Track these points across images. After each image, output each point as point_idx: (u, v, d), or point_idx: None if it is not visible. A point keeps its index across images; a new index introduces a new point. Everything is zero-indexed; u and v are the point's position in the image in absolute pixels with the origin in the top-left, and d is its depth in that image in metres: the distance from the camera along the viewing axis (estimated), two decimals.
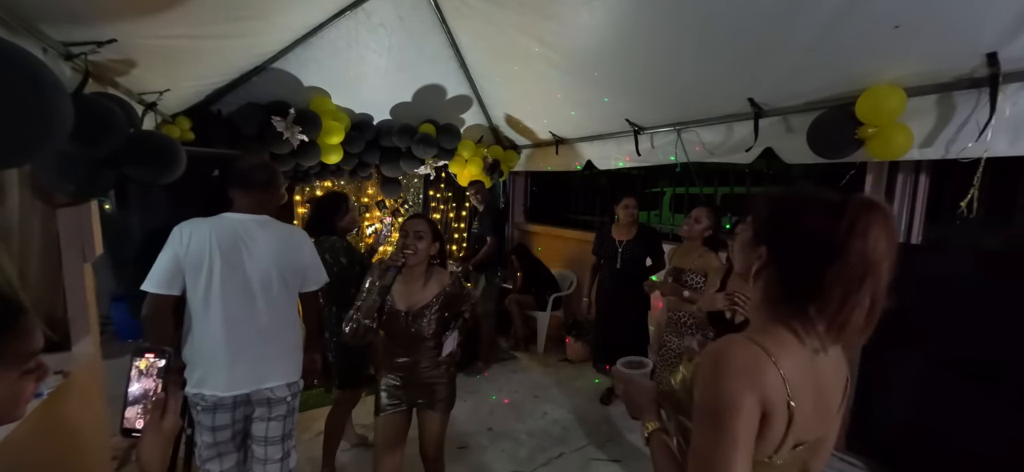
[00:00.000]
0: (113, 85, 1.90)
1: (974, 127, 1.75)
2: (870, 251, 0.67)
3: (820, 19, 1.75)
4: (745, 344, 0.73)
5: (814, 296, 0.71)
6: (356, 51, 2.93)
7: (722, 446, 0.68)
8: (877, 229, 0.68)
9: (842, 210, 0.69)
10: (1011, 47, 1.58)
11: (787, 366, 0.71)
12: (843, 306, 0.69)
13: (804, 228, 0.72)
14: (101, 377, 2.39)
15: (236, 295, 1.55)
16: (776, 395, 0.70)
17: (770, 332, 0.75)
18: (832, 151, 2.04)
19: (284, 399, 1.65)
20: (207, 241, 1.54)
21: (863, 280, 0.68)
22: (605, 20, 2.22)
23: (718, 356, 0.73)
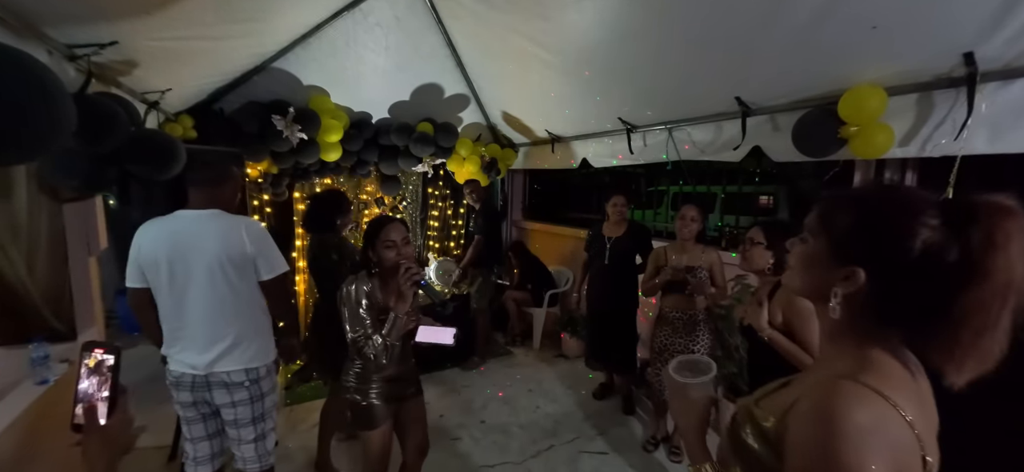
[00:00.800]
0: (116, 85, 1.97)
1: (953, 125, 1.78)
2: (1013, 267, 0.53)
3: (801, 21, 1.79)
4: (864, 395, 0.57)
5: (936, 325, 0.57)
6: (354, 50, 2.99)
7: None
8: (1019, 237, 0.54)
9: (973, 217, 0.55)
10: (987, 46, 1.61)
11: (913, 412, 0.57)
12: (980, 336, 0.55)
13: (919, 242, 0.57)
14: None
15: (183, 286, 1.66)
16: (910, 456, 0.56)
17: (878, 367, 0.60)
18: (816, 149, 2.07)
19: (242, 384, 1.71)
20: (158, 239, 1.65)
21: (1005, 303, 0.54)
22: (594, 20, 2.26)
23: (828, 410, 0.57)
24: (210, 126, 2.91)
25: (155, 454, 2.57)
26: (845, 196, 0.67)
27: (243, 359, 1.71)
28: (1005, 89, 1.68)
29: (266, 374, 1.78)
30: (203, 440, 1.79)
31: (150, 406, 3.08)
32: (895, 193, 0.65)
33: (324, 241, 2.35)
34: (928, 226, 0.57)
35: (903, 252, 0.58)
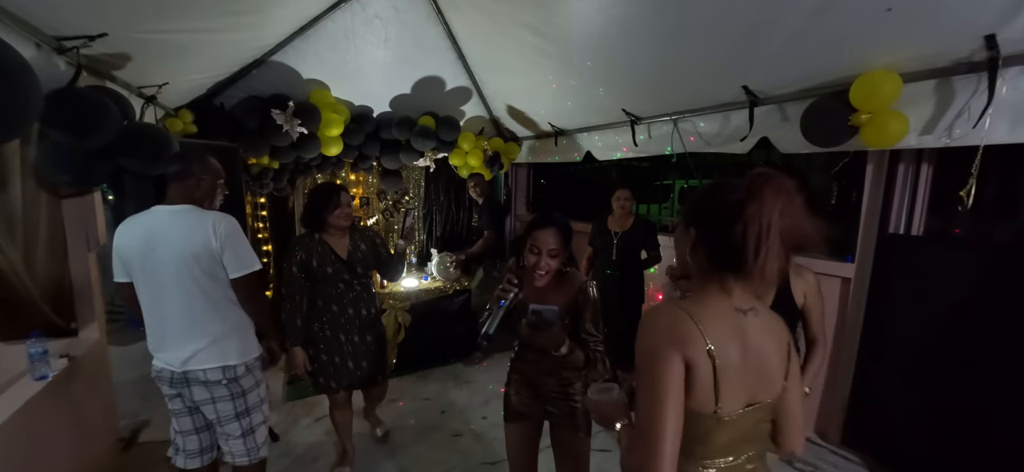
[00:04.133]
0: (110, 78, 1.95)
1: (972, 113, 1.69)
2: (767, 208, 0.79)
3: (811, 3, 1.71)
4: (668, 308, 0.88)
5: (733, 256, 0.83)
6: (353, 43, 2.95)
7: (652, 396, 0.81)
8: (770, 190, 0.80)
9: (741, 184, 0.83)
10: (1010, 28, 1.52)
11: (708, 323, 0.84)
12: (756, 256, 0.80)
13: (716, 204, 0.86)
14: (107, 362, 2.48)
15: (155, 284, 1.62)
16: (696, 350, 0.82)
17: (698, 298, 0.90)
18: (826, 139, 1.99)
19: (219, 382, 1.67)
20: (132, 235, 1.62)
21: (767, 232, 0.79)
22: (594, 8, 2.19)
23: (645, 320, 0.89)
24: (210, 121, 2.90)
25: (159, 448, 2.58)
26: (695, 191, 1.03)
27: (220, 357, 1.66)
28: None
29: (246, 372, 1.72)
30: (191, 434, 1.76)
31: (156, 400, 3.10)
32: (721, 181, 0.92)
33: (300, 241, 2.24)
34: (725, 192, 0.85)
35: (710, 211, 0.87)
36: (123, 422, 2.74)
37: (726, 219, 0.82)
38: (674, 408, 0.80)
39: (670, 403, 0.79)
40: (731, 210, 0.82)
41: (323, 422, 2.90)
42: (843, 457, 2.51)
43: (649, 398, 0.81)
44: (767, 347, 0.89)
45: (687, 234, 0.92)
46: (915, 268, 2.26)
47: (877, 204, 2.36)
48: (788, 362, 0.93)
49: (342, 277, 2.19)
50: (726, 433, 0.86)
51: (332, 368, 2.23)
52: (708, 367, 0.82)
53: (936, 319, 2.20)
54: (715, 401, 0.83)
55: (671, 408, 0.79)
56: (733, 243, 0.81)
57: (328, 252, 2.16)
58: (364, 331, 2.25)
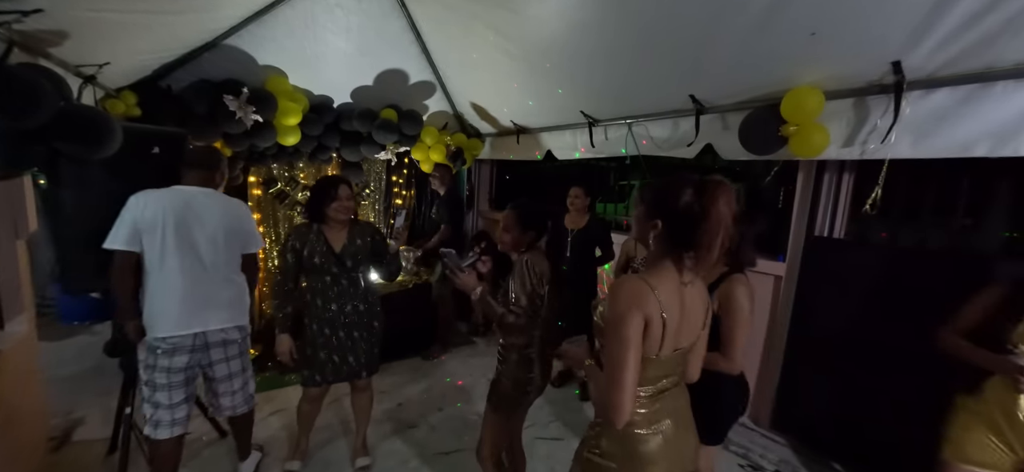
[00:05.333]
0: (45, 56, 1.84)
1: (883, 130, 1.90)
2: (721, 213, 1.04)
3: (747, 23, 1.86)
4: (633, 279, 1.12)
5: (689, 246, 1.09)
6: (313, 31, 2.89)
7: (620, 345, 1.05)
8: (724, 198, 1.05)
9: (702, 189, 1.07)
10: (913, 55, 1.72)
11: (661, 292, 1.08)
12: (709, 250, 1.06)
13: (681, 204, 1.08)
14: (37, 357, 2.33)
15: (187, 253, 1.86)
16: (653, 310, 1.07)
17: (654, 271, 1.14)
18: (760, 148, 2.17)
19: (236, 340, 2.02)
20: (161, 208, 1.82)
21: (718, 231, 1.05)
22: (554, 13, 2.28)
23: (615, 288, 1.11)
24: (156, 104, 2.76)
25: (94, 447, 2.45)
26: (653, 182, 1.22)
27: (235, 318, 2.00)
28: (928, 97, 1.80)
29: (248, 332, 2.10)
30: (182, 404, 1.92)
31: (90, 398, 2.94)
32: (675, 178, 1.12)
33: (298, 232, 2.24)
34: (686, 194, 1.08)
35: (675, 209, 1.09)
36: (54, 421, 2.59)
37: (689, 218, 1.07)
38: (635, 354, 1.05)
39: (632, 350, 1.04)
40: (694, 211, 1.06)
41: (278, 416, 2.85)
42: (772, 440, 2.74)
43: (617, 346, 1.05)
44: (696, 309, 1.19)
45: (650, 223, 1.14)
46: (837, 268, 2.50)
47: (805, 208, 2.58)
48: (705, 317, 1.25)
49: (330, 270, 2.16)
50: (657, 369, 1.16)
51: (316, 362, 2.20)
52: (659, 324, 1.08)
53: (854, 314, 2.44)
54: (659, 348, 1.11)
55: (633, 354, 1.04)
56: (692, 236, 1.07)
57: (321, 243, 2.16)
58: (350, 327, 2.22)
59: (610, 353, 1.07)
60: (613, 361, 1.06)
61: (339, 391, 2.72)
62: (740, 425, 2.81)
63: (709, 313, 1.25)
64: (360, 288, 2.26)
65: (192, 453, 2.46)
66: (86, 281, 1.99)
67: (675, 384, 1.24)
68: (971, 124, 1.71)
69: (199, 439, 2.58)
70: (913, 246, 2.47)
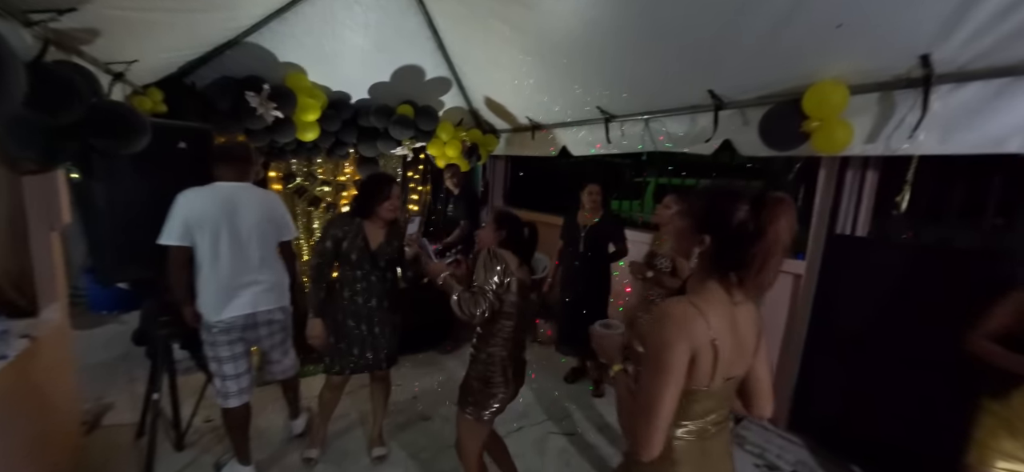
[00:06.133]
0: (77, 53, 1.91)
1: (910, 126, 1.85)
2: (781, 233, 0.92)
3: (770, 16, 1.83)
4: (679, 302, 0.99)
5: (740, 266, 0.97)
6: (332, 28, 2.93)
7: (657, 377, 0.94)
8: (786, 217, 0.93)
9: (760, 205, 0.94)
10: (942, 49, 1.67)
11: (712, 315, 0.96)
12: (761, 271, 0.95)
13: (736, 219, 0.96)
14: (70, 344, 2.43)
15: (234, 244, 2.04)
16: (702, 339, 0.95)
17: (702, 292, 1.02)
18: (780, 144, 2.13)
19: (280, 320, 2.25)
20: (208, 205, 1.99)
21: (776, 253, 0.93)
22: (571, 9, 2.27)
23: (660, 312, 0.99)
24: (181, 100, 2.84)
25: (123, 431, 2.55)
26: (699, 191, 1.13)
27: (279, 300, 2.22)
28: (958, 91, 1.75)
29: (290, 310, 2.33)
30: (246, 374, 2.15)
31: (118, 384, 3.05)
32: (726, 189, 1.01)
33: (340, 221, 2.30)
34: (741, 210, 0.95)
35: (729, 225, 0.96)
36: (86, 406, 2.69)
37: (743, 237, 0.94)
38: (674, 389, 0.93)
39: (673, 385, 0.93)
40: (749, 231, 0.94)
41: None
42: (789, 440, 2.70)
43: (655, 378, 0.94)
44: (748, 331, 1.05)
45: (697, 238, 1.01)
46: (859, 267, 2.44)
47: (827, 206, 2.53)
48: (758, 341, 1.09)
49: (363, 266, 2.21)
50: (706, 402, 1.03)
51: (340, 352, 2.26)
52: (709, 353, 0.95)
53: (877, 314, 2.39)
54: (710, 379, 0.98)
55: (672, 388, 0.93)
56: (746, 258, 0.94)
57: (360, 238, 2.20)
58: (373, 322, 2.27)
59: (646, 382, 0.95)
60: (648, 391, 0.94)
61: (355, 384, 2.77)
62: (756, 425, 2.78)
63: (761, 336, 1.10)
64: (387, 285, 2.31)
65: (214, 439, 2.54)
66: (117, 272, 2.05)
67: (723, 418, 1.11)
68: (1004, 119, 1.66)
69: (220, 426, 2.65)
70: (939, 246, 2.40)
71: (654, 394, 0.94)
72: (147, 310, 2.38)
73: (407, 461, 2.48)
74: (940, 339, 2.17)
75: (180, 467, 2.31)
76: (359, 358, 2.27)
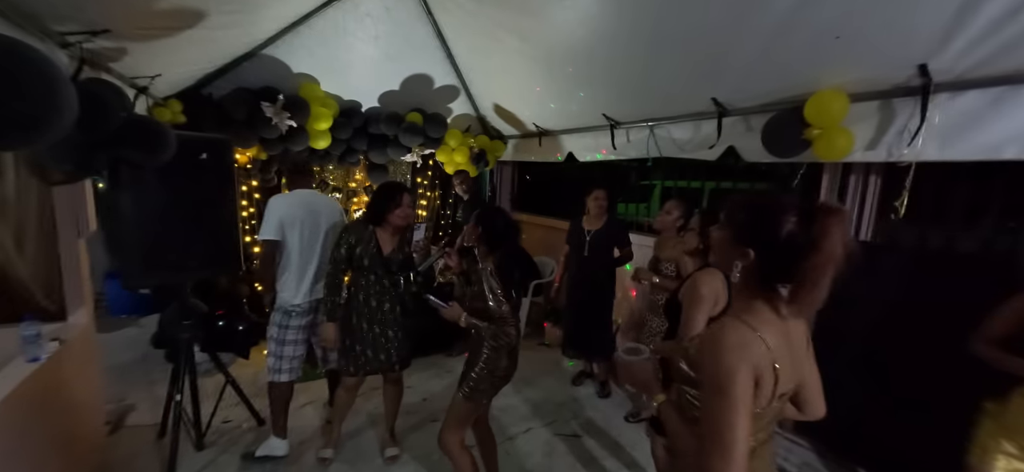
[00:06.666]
0: (107, 71, 2.00)
1: (909, 133, 1.89)
2: (834, 247, 0.86)
3: (771, 26, 1.87)
4: (735, 325, 0.93)
5: (789, 281, 0.90)
6: (344, 40, 3.03)
7: (726, 409, 0.86)
8: (839, 229, 0.87)
9: (812, 216, 0.87)
10: (940, 58, 1.71)
11: (768, 335, 0.90)
12: (814, 288, 0.87)
13: (784, 232, 0.89)
14: (95, 347, 2.53)
15: (313, 240, 2.43)
16: (764, 362, 0.89)
17: (752, 310, 0.95)
18: (783, 150, 2.18)
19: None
20: (296, 207, 2.40)
21: (828, 269, 0.86)
22: (576, 19, 2.33)
23: (715, 337, 0.92)
24: (199, 111, 2.94)
25: (145, 432, 2.64)
26: (740, 201, 1.06)
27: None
28: (956, 100, 1.78)
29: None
30: (300, 356, 2.47)
31: (139, 386, 3.15)
32: (772, 199, 0.95)
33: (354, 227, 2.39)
34: (790, 222, 0.89)
35: (776, 238, 0.90)
36: (109, 407, 2.79)
37: (793, 250, 0.87)
38: (745, 418, 0.87)
39: (744, 415, 0.86)
40: (799, 244, 0.87)
41: (308, 408, 2.99)
42: (795, 442, 2.73)
43: (725, 410, 0.86)
44: (800, 345, 1.00)
45: (739, 251, 0.95)
46: (863, 270, 2.47)
47: None
48: (808, 349, 1.05)
49: (376, 271, 2.29)
50: (758, 423, 0.96)
51: (352, 353, 2.33)
52: (771, 377, 0.90)
53: (881, 317, 2.42)
54: (768, 402, 0.93)
55: (745, 417, 0.86)
56: (796, 274, 0.88)
57: (373, 244, 2.28)
58: (386, 325, 2.34)
59: (713, 415, 0.88)
60: (718, 425, 0.87)
61: (367, 386, 2.84)
62: None
63: (809, 342, 1.05)
64: (400, 289, 2.39)
65: (233, 439, 2.62)
66: (142, 277, 2.14)
67: (770, 435, 1.06)
68: (1001, 126, 1.69)
69: (239, 426, 2.74)
70: (942, 249, 2.43)
71: (725, 428, 0.86)
72: (170, 314, 2.46)
73: (419, 461, 2.54)
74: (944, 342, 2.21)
75: (201, 466, 2.39)
76: (373, 359, 2.33)
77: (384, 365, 2.37)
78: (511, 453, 2.63)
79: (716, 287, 1.66)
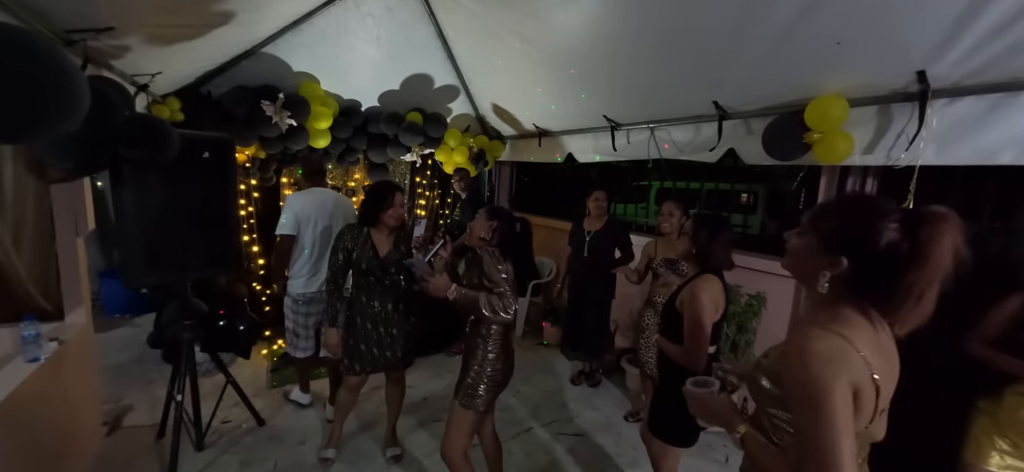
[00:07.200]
0: (109, 68, 1.98)
1: (908, 137, 1.93)
2: (944, 258, 0.77)
3: (773, 32, 1.90)
4: (823, 334, 0.82)
5: (890, 295, 0.81)
6: (345, 39, 3.01)
7: (824, 428, 0.77)
8: (951, 237, 0.77)
9: (918, 223, 0.79)
10: (938, 65, 1.75)
11: (863, 346, 0.81)
12: (919, 303, 0.79)
13: (884, 240, 0.80)
14: (93, 347, 2.50)
15: (325, 234, 2.69)
16: (862, 375, 0.80)
17: (840, 318, 0.85)
18: (784, 153, 2.21)
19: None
20: (311, 205, 2.70)
21: (936, 282, 0.78)
22: (578, 22, 2.35)
23: (801, 348, 0.83)
24: (197, 109, 2.92)
25: (144, 432, 2.61)
26: (830, 205, 0.95)
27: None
28: (953, 106, 1.83)
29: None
30: (312, 337, 2.81)
31: (136, 386, 3.12)
32: (869, 203, 0.87)
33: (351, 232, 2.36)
34: (891, 228, 0.81)
35: (874, 247, 0.82)
36: (106, 407, 2.76)
37: (894, 261, 0.79)
38: (849, 440, 0.78)
39: (846, 436, 0.77)
40: (902, 254, 0.78)
41: (308, 408, 2.98)
42: None
43: (826, 430, 0.77)
44: (893, 355, 0.90)
45: (828, 260, 0.86)
46: None
47: None
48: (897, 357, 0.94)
49: (375, 272, 2.27)
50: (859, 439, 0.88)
51: (356, 353, 2.32)
52: (871, 392, 0.81)
53: None
54: (871, 421, 0.84)
55: (848, 440, 0.77)
56: (899, 287, 0.79)
57: (369, 247, 2.26)
58: (389, 324, 2.33)
59: (810, 437, 0.79)
60: (817, 448, 0.77)
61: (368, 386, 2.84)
62: None
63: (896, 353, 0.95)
64: (400, 288, 2.37)
65: (233, 440, 2.61)
66: (144, 276, 2.13)
67: (866, 459, 0.99)
68: (997, 132, 1.74)
69: (239, 426, 2.72)
70: None
71: (826, 451, 0.76)
72: (169, 313, 2.44)
73: (421, 461, 2.54)
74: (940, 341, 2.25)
75: (202, 467, 2.38)
76: (379, 357, 2.33)
77: (388, 363, 2.37)
78: (512, 453, 2.65)
79: (715, 294, 1.67)
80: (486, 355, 1.85)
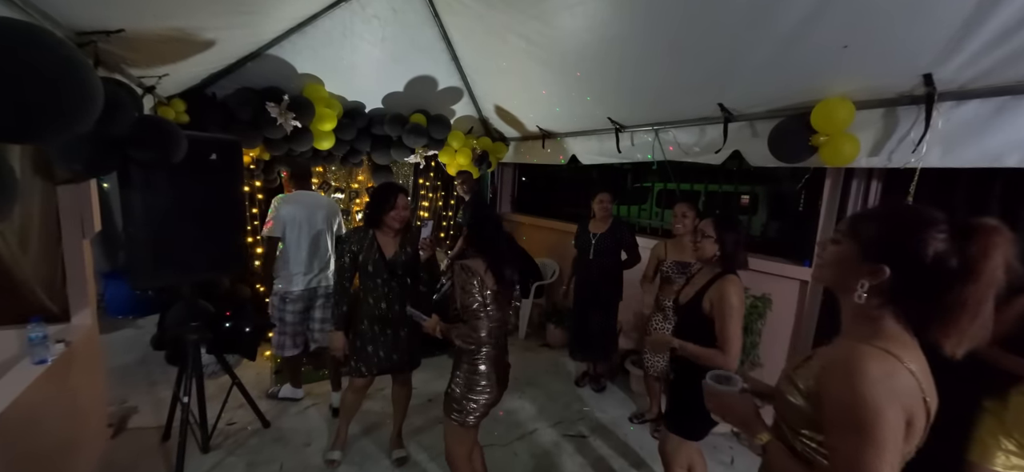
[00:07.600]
0: (118, 70, 1.98)
1: (913, 140, 1.94)
2: (995, 272, 0.73)
3: (779, 35, 1.92)
4: (876, 354, 0.77)
5: (936, 309, 0.76)
6: (350, 41, 3.01)
7: (871, 456, 0.73)
8: (1002, 251, 0.73)
9: (969, 234, 0.75)
10: (944, 68, 1.76)
11: (914, 366, 0.76)
12: (975, 319, 0.74)
13: (931, 251, 0.75)
14: (99, 348, 2.49)
15: (310, 236, 2.84)
16: (914, 398, 0.76)
17: (885, 333, 0.80)
18: (790, 156, 2.22)
19: (329, 292, 2.93)
20: (296, 208, 2.82)
21: (988, 297, 0.74)
22: (584, 25, 2.35)
23: (852, 367, 0.77)
24: (203, 111, 2.91)
25: (149, 434, 2.61)
26: (871, 212, 0.93)
27: (330, 278, 2.95)
28: (959, 109, 1.84)
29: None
30: (300, 335, 2.93)
31: (141, 388, 3.11)
32: (914, 211, 0.83)
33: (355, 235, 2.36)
34: (938, 239, 0.76)
35: (920, 257, 0.77)
36: (111, 409, 2.75)
37: (942, 275, 0.75)
38: (894, 465, 0.75)
39: (893, 463, 0.74)
40: (951, 267, 0.74)
41: (312, 409, 2.98)
42: None
43: (868, 456, 0.74)
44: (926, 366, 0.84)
45: (868, 268, 0.82)
46: None
47: (833, 214, 2.62)
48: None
49: (381, 275, 2.27)
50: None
51: (364, 353, 2.32)
52: (924, 416, 0.78)
53: None
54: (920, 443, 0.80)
55: (892, 467, 0.74)
56: (949, 303, 0.75)
57: (375, 249, 2.26)
58: (397, 326, 2.33)
59: (853, 462, 0.75)
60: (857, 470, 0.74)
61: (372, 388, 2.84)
62: None
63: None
64: (406, 289, 2.37)
65: (239, 442, 2.60)
66: (151, 277, 2.12)
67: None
68: (1003, 135, 1.75)
69: (244, 428, 2.72)
70: None
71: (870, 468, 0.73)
72: (175, 315, 2.44)
73: (426, 463, 2.54)
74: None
75: (208, 469, 2.37)
76: (385, 359, 2.33)
77: (396, 365, 2.37)
78: (518, 453, 2.65)
79: (742, 294, 1.72)
80: (474, 367, 1.80)
